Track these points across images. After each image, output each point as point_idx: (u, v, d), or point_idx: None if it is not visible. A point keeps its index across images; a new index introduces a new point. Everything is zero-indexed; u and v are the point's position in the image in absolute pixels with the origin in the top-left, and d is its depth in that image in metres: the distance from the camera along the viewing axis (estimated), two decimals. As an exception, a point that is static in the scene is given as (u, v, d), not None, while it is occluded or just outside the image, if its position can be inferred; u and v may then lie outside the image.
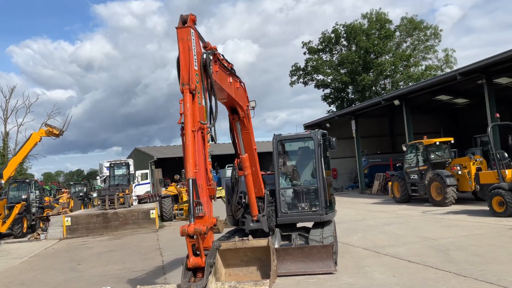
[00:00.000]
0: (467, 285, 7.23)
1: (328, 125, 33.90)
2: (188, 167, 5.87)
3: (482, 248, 10.08)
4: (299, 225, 10.70)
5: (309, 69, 47.40)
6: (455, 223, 14.29)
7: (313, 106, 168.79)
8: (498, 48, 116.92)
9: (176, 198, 25.35)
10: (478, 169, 18.40)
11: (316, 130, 10.42)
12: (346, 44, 46.26)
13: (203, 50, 6.64)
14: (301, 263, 9.01)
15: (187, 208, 23.97)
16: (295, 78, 48.48)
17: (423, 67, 46.16)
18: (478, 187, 15.92)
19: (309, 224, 10.71)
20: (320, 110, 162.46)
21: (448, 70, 44.72)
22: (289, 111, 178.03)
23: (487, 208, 15.93)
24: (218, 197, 18.40)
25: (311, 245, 9.25)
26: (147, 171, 39.83)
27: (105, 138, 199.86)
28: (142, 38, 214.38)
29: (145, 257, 13.03)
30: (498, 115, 15.40)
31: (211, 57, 6.56)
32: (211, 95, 6.66)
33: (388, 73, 43.49)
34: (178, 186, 25.43)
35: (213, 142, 7.27)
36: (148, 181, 37.35)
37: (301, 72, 48.12)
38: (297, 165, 10.76)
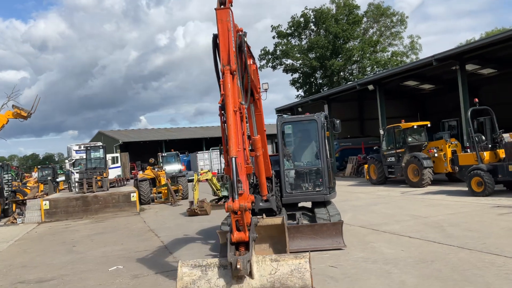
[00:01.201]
0: (475, 256, 7.78)
1: (300, 109, 34.44)
2: (231, 146, 6.04)
3: (474, 224, 10.74)
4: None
5: (278, 53, 47.68)
6: (437, 202, 15.05)
7: (273, 91, 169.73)
8: (453, 35, 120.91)
9: (153, 182, 25.26)
10: (453, 152, 19.35)
11: (320, 112, 10.73)
12: (315, 29, 46.75)
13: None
14: (311, 240, 9.37)
15: (165, 191, 24.04)
16: (264, 62, 48.72)
17: (389, 53, 47.36)
18: (457, 168, 16.75)
19: (307, 204, 11.11)
20: (281, 95, 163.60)
21: (413, 56, 46.18)
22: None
23: (462, 188, 16.92)
24: (202, 180, 18.52)
25: (321, 223, 9.61)
26: (117, 154, 39.26)
27: (60, 121, 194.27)
28: (99, 18, 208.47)
29: (141, 239, 13.07)
30: (476, 100, 16.18)
31: (245, 39, 6.71)
32: (245, 75, 6.81)
33: (356, 59, 44.39)
34: (156, 170, 25.31)
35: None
36: (118, 165, 36.85)
37: (270, 57, 48.35)
38: (301, 146, 11.07)
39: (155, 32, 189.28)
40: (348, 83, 41.98)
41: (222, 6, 6.35)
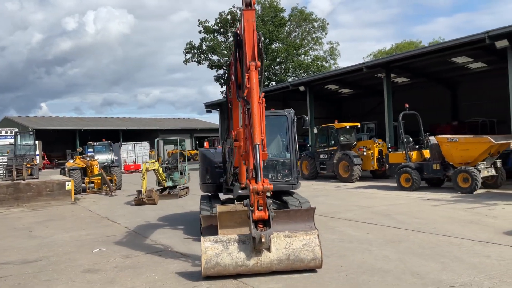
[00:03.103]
0: (432, 238, 9.17)
1: (230, 105, 35.19)
2: (256, 134, 6.76)
3: (416, 213, 12.32)
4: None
5: (203, 48, 48.10)
6: (373, 195, 16.71)
7: (187, 85, 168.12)
8: (358, 43, 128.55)
9: (84, 171, 24.69)
10: (380, 151, 21.38)
11: (289, 109, 11.68)
12: (242, 27, 47.73)
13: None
14: (286, 224, 10.17)
15: (98, 181, 23.66)
16: (189, 56, 48.83)
17: (311, 57, 49.80)
18: (387, 165, 18.65)
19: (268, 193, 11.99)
20: (195, 89, 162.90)
21: (332, 61, 49.02)
22: (163, 88, 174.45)
23: (388, 184, 18.91)
24: (150, 170, 18.66)
25: (295, 209, 10.54)
26: (36, 142, 37.23)
27: None
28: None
29: (100, 225, 13.10)
30: (407, 105, 18.10)
31: (262, 38, 7.43)
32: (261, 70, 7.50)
33: (280, 60, 46.15)
34: (89, 159, 24.75)
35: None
36: (37, 153, 35.12)
37: (195, 51, 48.59)
38: (271, 140, 11.91)
39: (63, 15, 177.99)
40: (272, 83, 43.58)
41: (248, 7, 7.03)
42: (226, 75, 49.57)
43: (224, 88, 50.09)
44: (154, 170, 18.53)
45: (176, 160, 20.29)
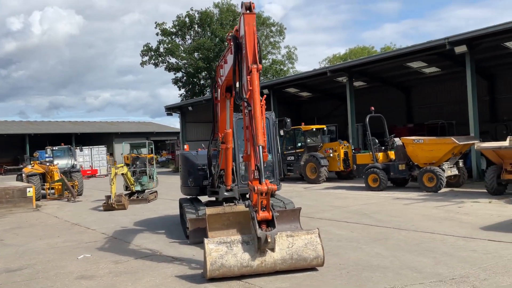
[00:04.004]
0: (415, 235, 9.54)
1: (190, 108, 35.07)
2: (259, 135, 6.84)
3: (391, 212, 12.75)
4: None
5: (161, 50, 47.53)
6: (343, 195, 17.12)
7: (138, 87, 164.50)
8: (310, 48, 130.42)
9: (43, 177, 23.83)
10: (345, 153, 21.92)
11: (271, 111, 11.83)
12: (200, 30, 47.66)
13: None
14: (272, 225, 10.40)
15: (59, 187, 22.89)
16: (146, 58, 48.11)
17: (270, 61, 50.24)
18: (355, 166, 19.15)
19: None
20: (146, 92, 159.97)
21: (290, 65, 49.68)
22: (113, 91, 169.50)
23: (354, 184, 19.40)
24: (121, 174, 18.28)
25: (282, 209, 10.67)
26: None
27: None
28: None
29: (75, 232, 12.72)
30: (372, 108, 18.70)
31: (260, 41, 7.52)
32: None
33: (239, 63, 46.25)
34: (48, 165, 23.89)
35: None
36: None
37: (152, 53, 47.94)
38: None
39: (7, 14, 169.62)
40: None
41: (248, 11, 7.11)
42: (182, 77, 49.19)
43: (183, 91, 49.80)
44: (122, 174, 18.17)
45: (144, 164, 19.98)
